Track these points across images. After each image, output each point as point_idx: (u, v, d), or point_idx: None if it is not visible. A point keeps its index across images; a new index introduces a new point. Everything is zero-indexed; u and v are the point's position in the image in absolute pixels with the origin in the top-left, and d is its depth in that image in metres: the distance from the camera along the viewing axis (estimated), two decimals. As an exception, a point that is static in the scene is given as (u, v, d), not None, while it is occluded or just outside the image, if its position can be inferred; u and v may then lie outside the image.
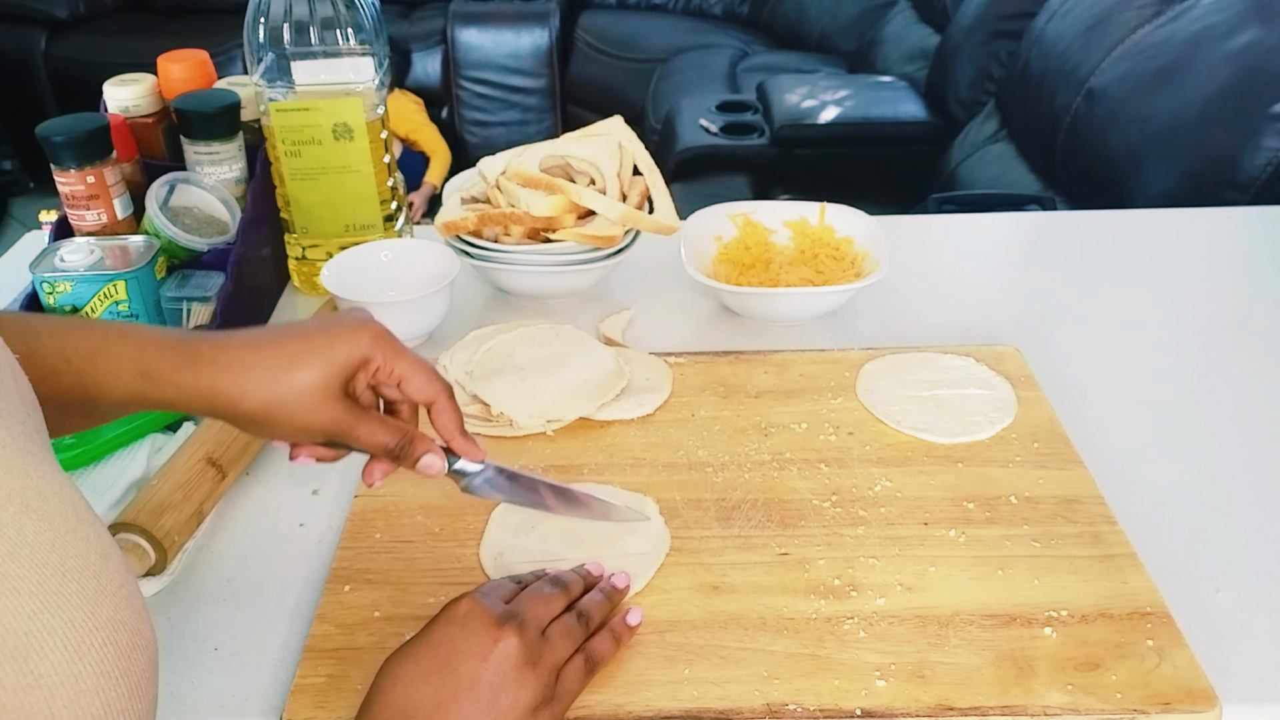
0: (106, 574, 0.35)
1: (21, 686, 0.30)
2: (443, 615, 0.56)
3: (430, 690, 0.53)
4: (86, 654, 0.32)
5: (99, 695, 0.33)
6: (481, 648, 0.54)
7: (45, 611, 0.32)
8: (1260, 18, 1.48)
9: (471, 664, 0.54)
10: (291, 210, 1.01)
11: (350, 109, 0.95)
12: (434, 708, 0.53)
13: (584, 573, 0.65)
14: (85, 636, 0.33)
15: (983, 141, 2.11)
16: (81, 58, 3.22)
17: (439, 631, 0.55)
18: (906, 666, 0.62)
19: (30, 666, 0.31)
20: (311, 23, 0.92)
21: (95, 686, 0.33)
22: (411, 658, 0.55)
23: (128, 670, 0.34)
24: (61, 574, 0.33)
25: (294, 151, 0.97)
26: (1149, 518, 0.74)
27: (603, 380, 0.85)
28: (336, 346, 0.57)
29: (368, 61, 0.95)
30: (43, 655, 0.31)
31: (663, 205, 0.99)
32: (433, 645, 0.55)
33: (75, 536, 0.34)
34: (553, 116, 3.45)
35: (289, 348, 0.57)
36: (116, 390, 0.54)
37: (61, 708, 0.31)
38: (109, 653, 0.33)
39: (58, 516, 0.34)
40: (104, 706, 0.33)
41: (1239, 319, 0.99)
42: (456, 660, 0.54)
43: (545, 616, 0.58)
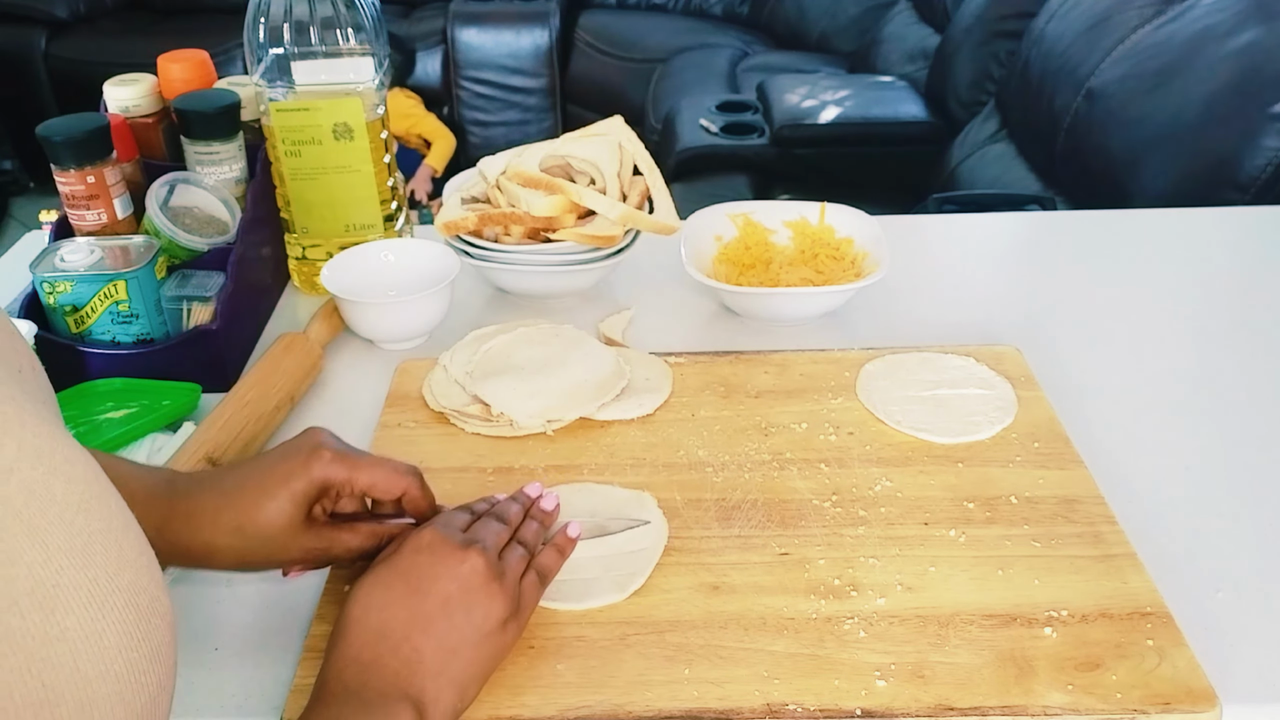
0: (128, 541, 0.36)
1: (48, 637, 0.31)
2: (407, 545, 0.59)
3: (405, 613, 0.56)
4: (110, 613, 0.33)
5: (121, 654, 0.33)
6: (450, 570, 0.57)
7: (71, 568, 0.32)
8: (1260, 18, 1.48)
9: (442, 584, 0.57)
10: (291, 210, 1.01)
11: (350, 109, 0.95)
12: (410, 628, 0.55)
13: (522, 498, 0.68)
14: (109, 596, 0.33)
15: (983, 141, 2.11)
16: (81, 58, 3.22)
17: (406, 560, 0.58)
18: (906, 666, 0.62)
19: (57, 619, 0.31)
20: (311, 22, 0.92)
21: (118, 645, 0.33)
22: (382, 584, 0.57)
23: (149, 634, 0.35)
24: (87, 534, 0.34)
25: (294, 151, 0.97)
26: (1149, 518, 0.74)
27: (603, 380, 0.85)
28: (292, 481, 0.60)
29: (368, 61, 0.95)
30: (69, 609, 0.32)
31: (663, 205, 0.99)
32: (401, 572, 0.57)
33: (99, 502, 0.35)
34: (553, 116, 3.45)
35: (250, 492, 0.60)
36: None
37: (86, 662, 0.32)
38: (130, 615, 0.34)
39: (82, 482, 0.35)
40: (127, 666, 0.34)
41: (1239, 319, 0.99)
42: (427, 584, 0.57)
43: (499, 543, 0.61)
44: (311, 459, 0.61)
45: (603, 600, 0.66)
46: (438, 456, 0.80)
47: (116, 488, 0.57)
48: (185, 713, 0.61)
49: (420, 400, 0.86)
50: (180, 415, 0.83)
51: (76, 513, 0.34)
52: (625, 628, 0.64)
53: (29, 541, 0.32)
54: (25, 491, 0.32)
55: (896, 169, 2.33)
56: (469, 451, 0.80)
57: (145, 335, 0.87)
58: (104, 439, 0.78)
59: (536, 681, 0.60)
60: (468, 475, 0.78)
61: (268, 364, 0.86)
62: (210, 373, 0.88)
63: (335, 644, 0.56)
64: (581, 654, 0.62)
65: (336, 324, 0.95)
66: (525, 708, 0.59)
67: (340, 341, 0.96)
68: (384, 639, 0.55)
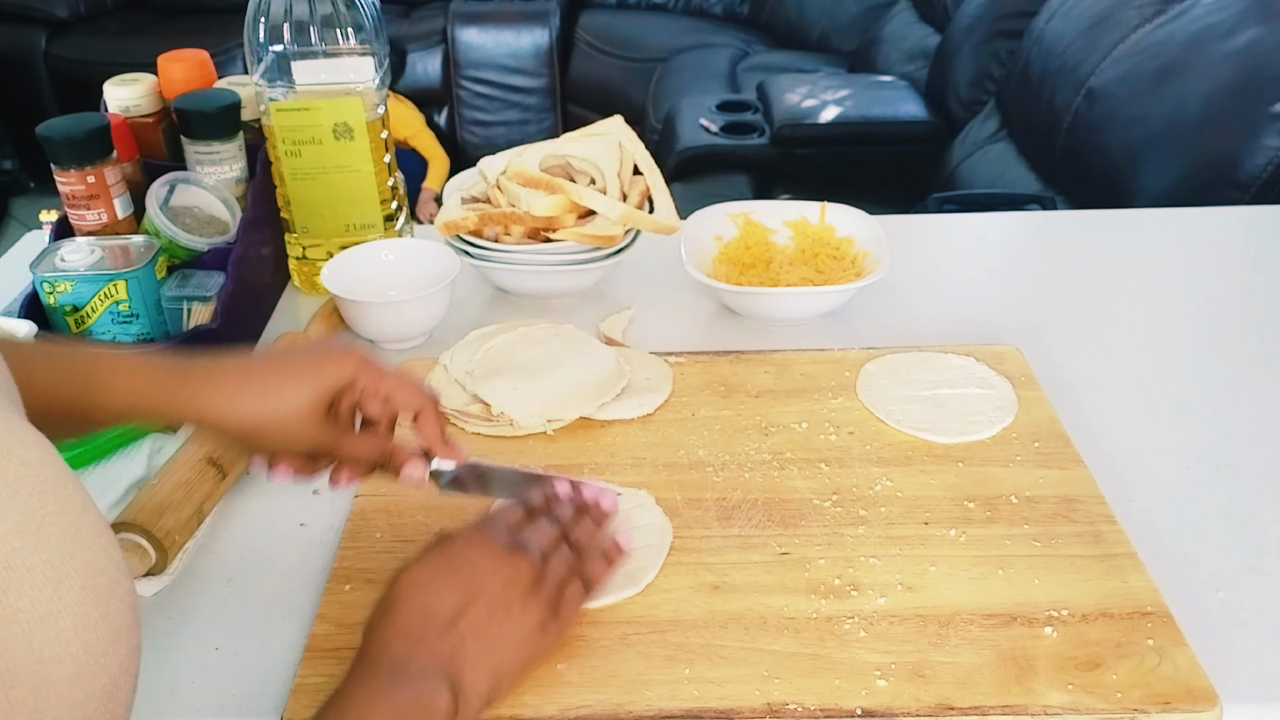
0: (85, 524, 0.36)
1: (2, 619, 0.31)
2: (458, 539, 0.60)
3: (453, 597, 0.57)
4: (65, 595, 0.34)
5: (78, 636, 0.34)
6: (497, 569, 0.58)
7: (25, 549, 0.33)
8: (1260, 18, 1.48)
9: (487, 579, 0.58)
10: (292, 210, 1.01)
11: (350, 109, 0.95)
12: (456, 614, 0.56)
13: (578, 499, 0.67)
14: (64, 578, 0.34)
15: (983, 141, 2.10)
16: (81, 58, 3.21)
17: (456, 550, 0.59)
18: (907, 666, 0.62)
19: (9, 600, 0.32)
20: (312, 22, 0.92)
21: (75, 626, 0.34)
22: (432, 568, 0.58)
23: (107, 615, 0.35)
24: (40, 516, 0.34)
25: (294, 151, 0.97)
26: (1149, 517, 0.74)
27: (603, 380, 0.85)
28: (323, 369, 0.62)
29: (368, 61, 0.95)
30: (21, 591, 0.32)
31: (663, 205, 0.99)
32: (450, 559, 0.59)
33: (54, 485, 0.35)
34: (553, 116, 3.45)
35: (278, 370, 0.62)
36: (110, 411, 0.59)
37: (41, 644, 0.32)
38: (88, 597, 0.34)
39: (37, 465, 0.35)
40: (84, 647, 0.34)
41: (1239, 318, 0.99)
42: (476, 576, 0.58)
43: (547, 546, 0.62)
44: (345, 355, 0.63)
45: (617, 596, 0.66)
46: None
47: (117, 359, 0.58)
48: (185, 712, 0.61)
49: (420, 400, 0.86)
50: (180, 415, 0.83)
51: (30, 495, 0.34)
52: (626, 627, 0.64)
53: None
54: None
55: (896, 169, 2.32)
56: (469, 451, 0.80)
57: (145, 335, 0.87)
58: (104, 439, 0.78)
59: (537, 681, 0.60)
60: (468, 475, 0.78)
61: (268, 364, 0.86)
62: (210, 372, 0.87)
63: (383, 616, 0.57)
64: (582, 653, 0.63)
65: (336, 324, 0.95)
66: (526, 707, 0.59)
67: (340, 341, 0.96)
68: (431, 619, 0.56)
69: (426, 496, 0.74)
